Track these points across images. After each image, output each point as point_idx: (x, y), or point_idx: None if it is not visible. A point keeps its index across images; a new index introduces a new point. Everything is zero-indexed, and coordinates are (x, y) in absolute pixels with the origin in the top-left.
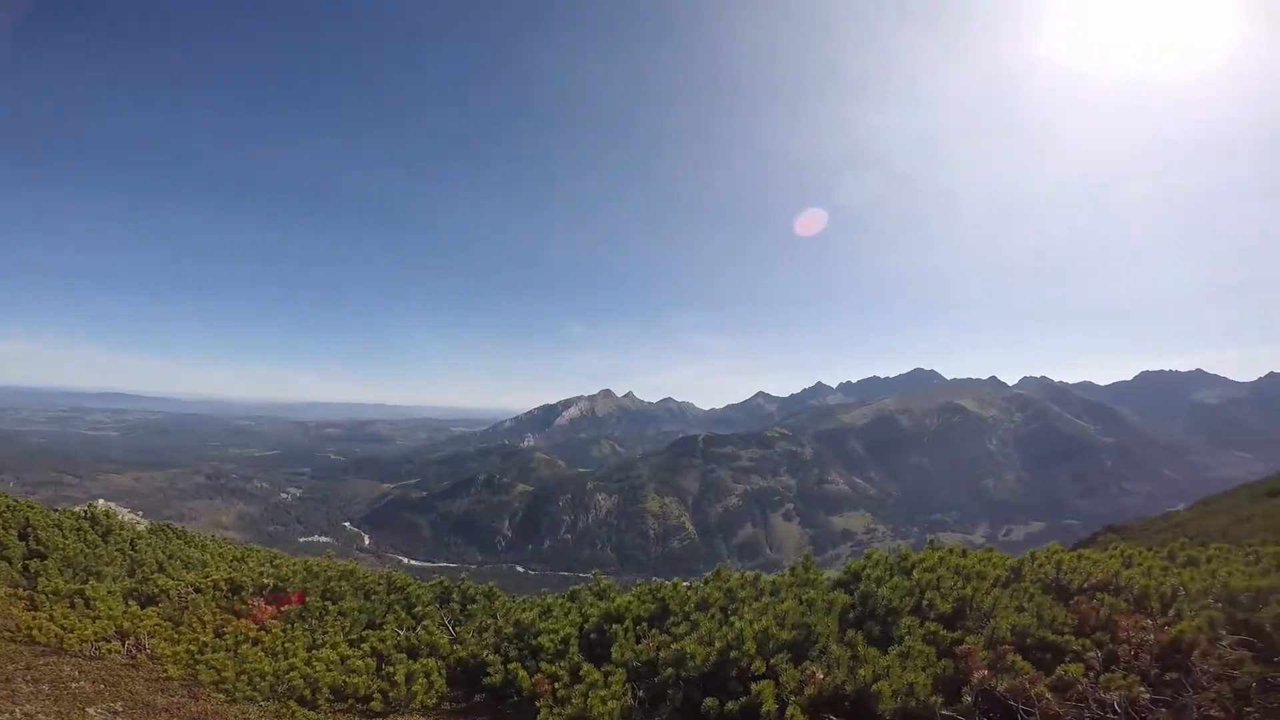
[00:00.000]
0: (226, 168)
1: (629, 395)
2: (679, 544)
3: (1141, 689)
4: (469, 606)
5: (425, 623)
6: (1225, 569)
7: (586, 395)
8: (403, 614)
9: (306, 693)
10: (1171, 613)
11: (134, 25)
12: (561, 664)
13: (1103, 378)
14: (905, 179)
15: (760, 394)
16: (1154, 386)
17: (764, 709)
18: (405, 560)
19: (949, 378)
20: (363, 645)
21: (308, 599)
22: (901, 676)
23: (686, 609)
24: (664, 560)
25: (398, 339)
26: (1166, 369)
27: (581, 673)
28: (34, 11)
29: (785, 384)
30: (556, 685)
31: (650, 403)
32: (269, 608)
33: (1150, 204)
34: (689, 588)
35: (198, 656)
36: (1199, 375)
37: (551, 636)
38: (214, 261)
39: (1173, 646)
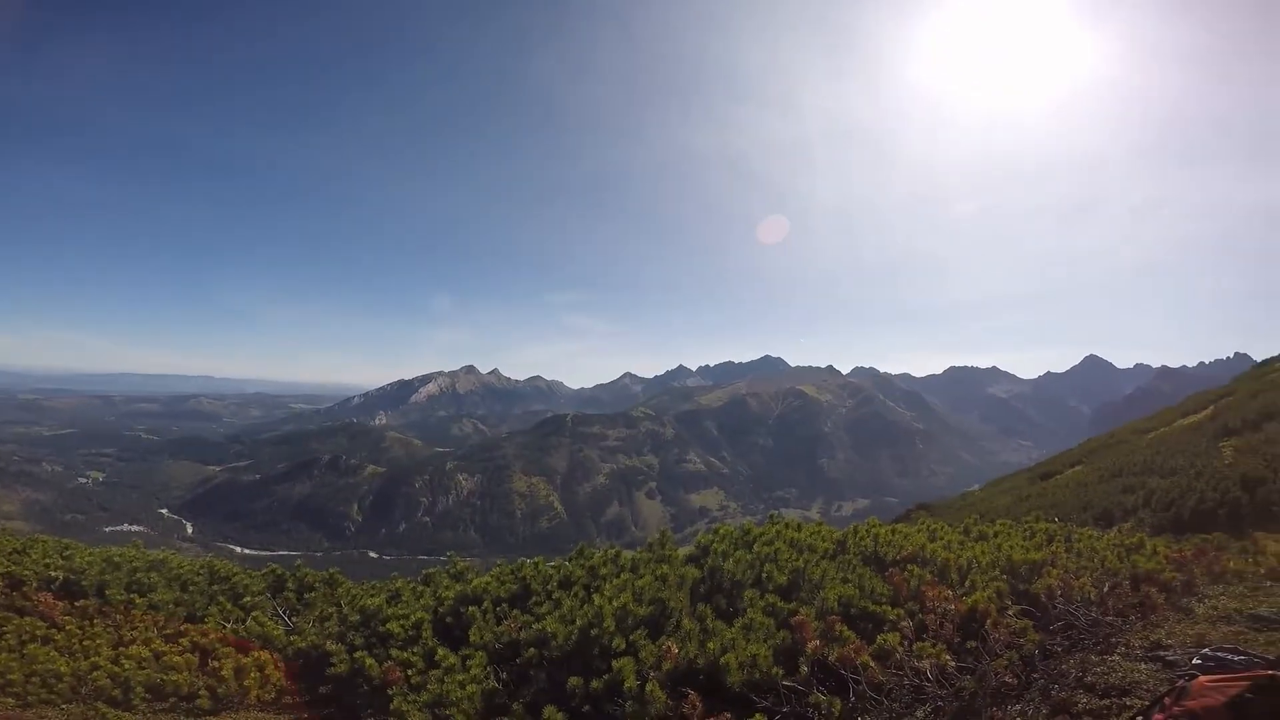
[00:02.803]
0: None
1: (494, 372)
2: (548, 524)
3: (948, 657)
4: (307, 595)
5: (256, 614)
6: (1008, 544)
7: (446, 371)
8: (229, 605)
9: (117, 693)
10: (967, 584)
11: None
12: (414, 650)
13: (919, 370)
14: (770, 180)
15: (628, 374)
16: (958, 380)
17: (626, 685)
18: (238, 549)
19: (793, 365)
20: (181, 640)
21: (108, 592)
22: (745, 649)
23: (549, 588)
24: (532, 540)
25: (227, 303)
26: (969, 365)
27: (437, 658)
28: None
29: (652, 365)
30: (410, 672)
31: (517, 380)
32: (60, 603)
33: (970, 219)
34: (552, 566)
35: None
36: (994, 372)
37: (402, 622)
38: None
39: (970, 616)
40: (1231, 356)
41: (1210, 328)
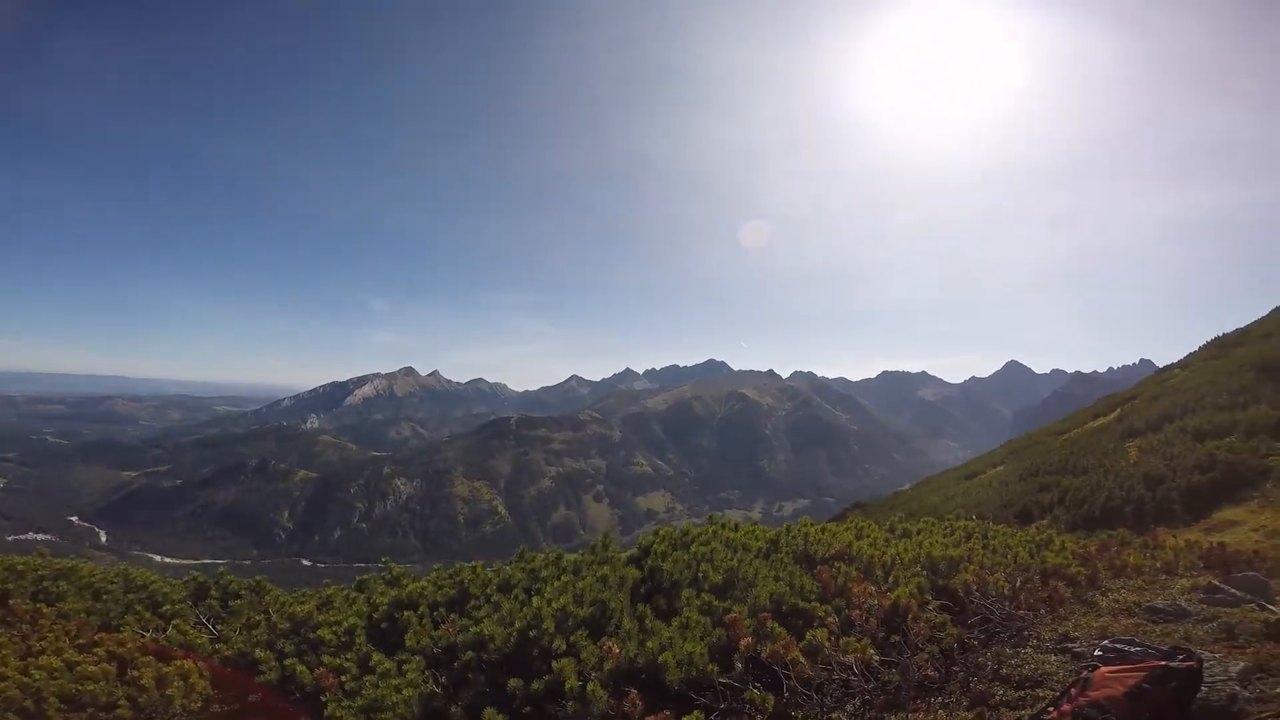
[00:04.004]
0: None
1: (434, 374)
2: (491, 528)
3: (872, 651)
4: (231, 603)
5: (177, 622)
6: (929, 540)
7: (383, 373)
8: (146, 614)
9: (28, 704)
10: (891, 579)
11: None
12: (348, 656)
13: (854, 374)
14: (719, 186)
15: (574, 377)
16: (891, 383)
17: (567, 686)
18: (158, 558)
19: (736, 369)
20: (96, 650)
21: (12, 601)
22: (683, 647)
23: (488, 591)
24: (475, 545)
25: (143, 300)
26: (901, 369)
27: (372, 663)
28: None
29: (600, 368)
30: (344, 678)
31: (459, 383)
32: None
33: (904, 229)
34: (492, 570)
35: None
36: (923, 376)
37: (334, 629)
38: None
39: (893, 611)
40: (1137, 362)
41: (1119, 335)
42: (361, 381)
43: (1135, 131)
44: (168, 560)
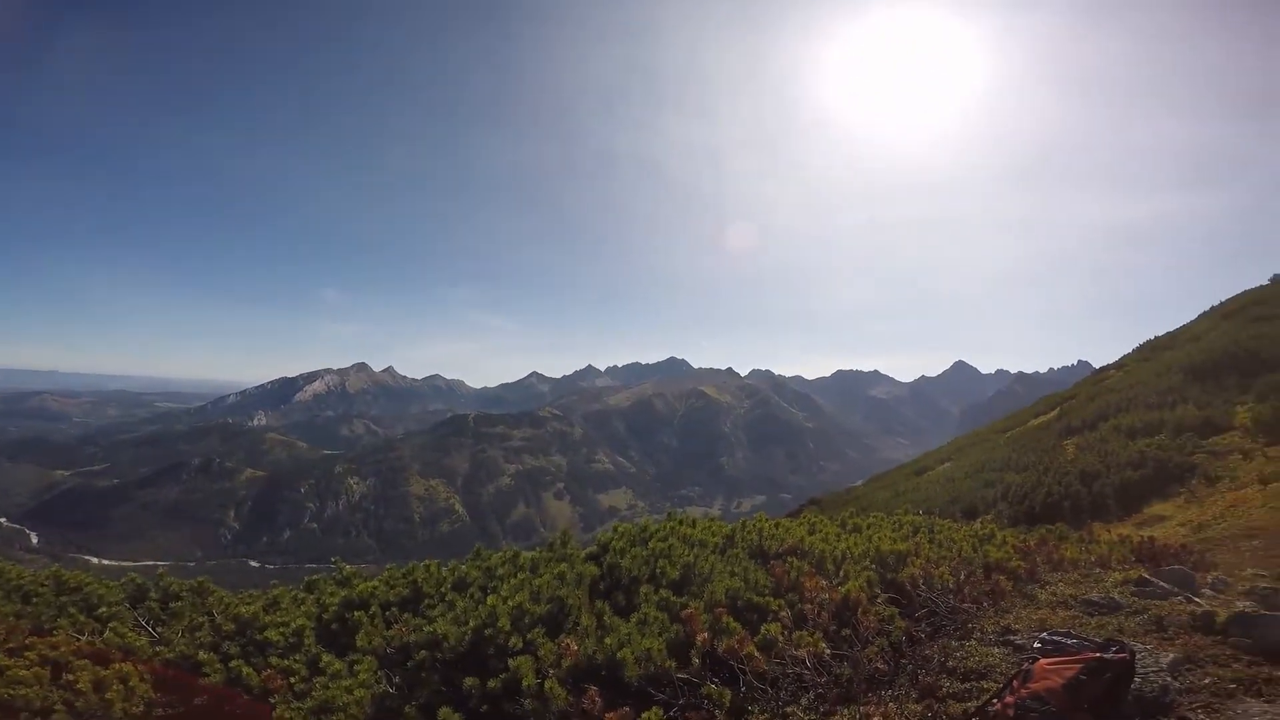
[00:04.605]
0: None
1: (389, 370)
2: (449, 527)
3: (824, 645)
4: (172, 605)
5: (114, 625)
6: (878, 535)
7: (335, 368)
8: (81, 617)
9: None
10: (842, 574)
11: None
12: (296, 657)
13: (810, 373)
14: (681, 183)
15: (534, 374)
16: (845, 382)
17: (525, 684)
18: (95, 560)
19: (696, 366)
20: (28, 654)
21: None
22: (641, 643)
23: (442, 590)
24: (433, 544)
25: (77, 290)
26: (854, 368)
27: (321, 664)
28: None
29: (561, 365)
30: (293, 680)
31: (414, 379)
32: None
33: (857, 230)
34: (447, 569)
35: None
36: (875, 375)
37: (281, 630)
38: None
39: (844, 605)
40: (1075, 364)
41: (1059, 337)
42: (312, 377)
43: (1076, 141)
44: (106, 562)
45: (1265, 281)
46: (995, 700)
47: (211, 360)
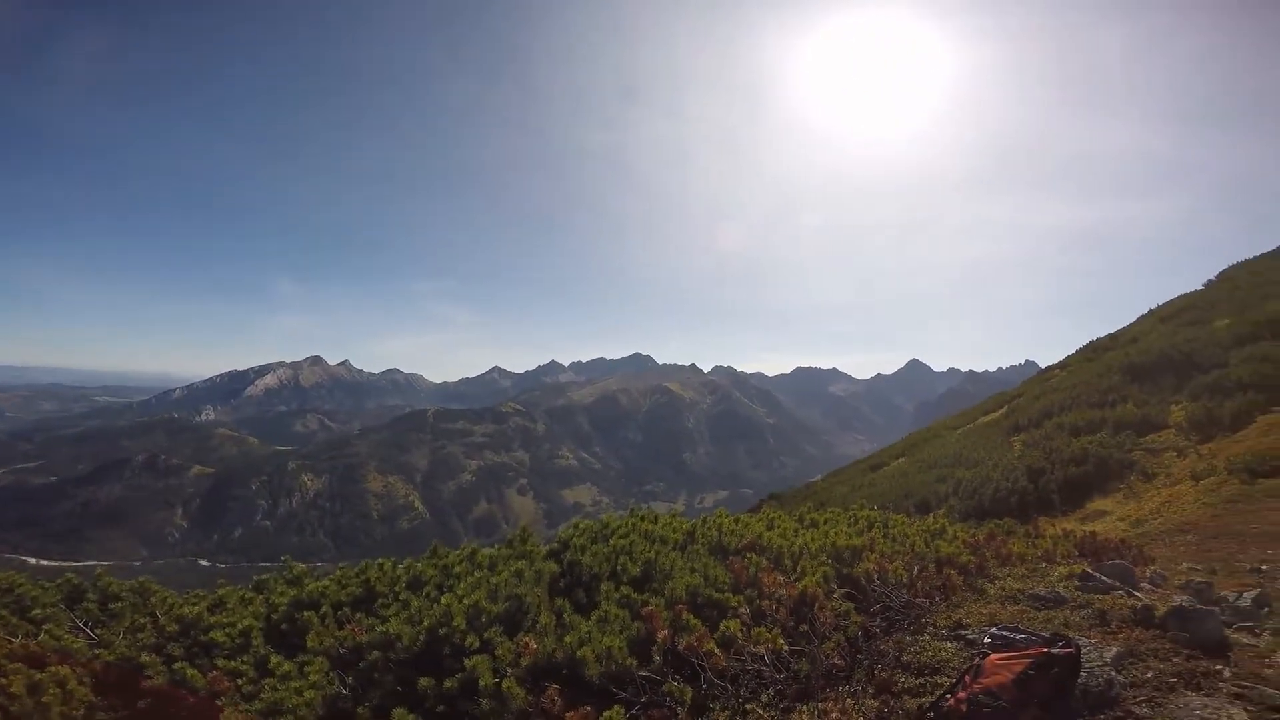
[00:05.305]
0: None
1: (345, 364)
2: (408, 524)
3: (783, 641)
4: (111, 605)
5: (49, 627)
6: (835, 530)
7: (288, 361)
8: (13, 619)
9: None
10: (799, 569)
11: None
12: (244, 658)
13: (771, 370)
14: (650, 181)
15: (496, 368)
16: (804, 379)
17: (482, 683)
18: (32, 560)
19: (661, 362)
20: None
21: None
22: (601, 641)
23: (397, 589)
24: (392, 542)
25: (7, 276)
26: (813, 365)
27: (270, 665)
28: None
29: (524, 360)
30: (240, 681)
31: (371, 373)
32: None
33: (818, 231)
34: (403, 567)
35: None
36: (834, 372)
37: (227, 631)
38: None
39: (801, 600)
40: (1023, 363)
41: (1008, 337)
42: (263, 371)
43: (1031, 147)
44: (44, 563)
45: (1200, 286)
46: (948, 696)
47: (155, 353)
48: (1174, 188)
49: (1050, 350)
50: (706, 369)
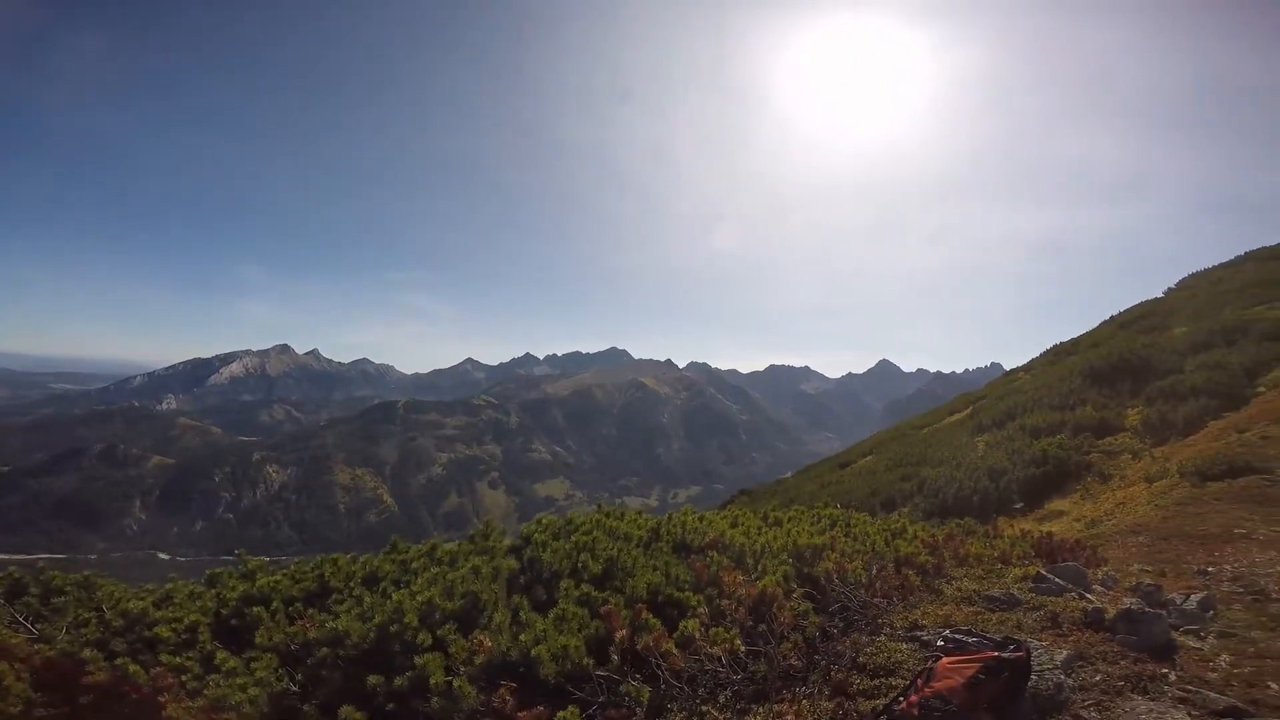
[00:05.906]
0: None
1: (313, 353)
2: (376, 518)
3: (740, 642)
4: (54, 600)
5: None
6: (797, 529)
7: (255, 350)
8: None
9: None
10: (760, 568)
11: None
12: (189, 655)
13: (745, 367)
14: (631, 177)
15: (469, 360)
16: (777, 377)
17: (433, 681)
18: None
19: (637, 357)
20: None
21: None
22: (557, 640)
23: (351, 585)
24: (359, 536)
25: None
26: (787, 364)
27: (216, 661)
28: None
29: (498, 352)
30: (185, 678)
31: (341, 363)
32: None
33: (794, 232)
34: (360, 563)
35: None
36: (806, 370)
37: (174, 626)
38: None
39: (760, 600)
40: (989, 365)
41: (974, 339)
42: (229, 359)
43: (1000, 153)
44: None
45: (1159, 294)
46: (901, 699)
47: (115, 338)
48: (1138, 198)
49: (1016, 353)
50: (682, 365)
